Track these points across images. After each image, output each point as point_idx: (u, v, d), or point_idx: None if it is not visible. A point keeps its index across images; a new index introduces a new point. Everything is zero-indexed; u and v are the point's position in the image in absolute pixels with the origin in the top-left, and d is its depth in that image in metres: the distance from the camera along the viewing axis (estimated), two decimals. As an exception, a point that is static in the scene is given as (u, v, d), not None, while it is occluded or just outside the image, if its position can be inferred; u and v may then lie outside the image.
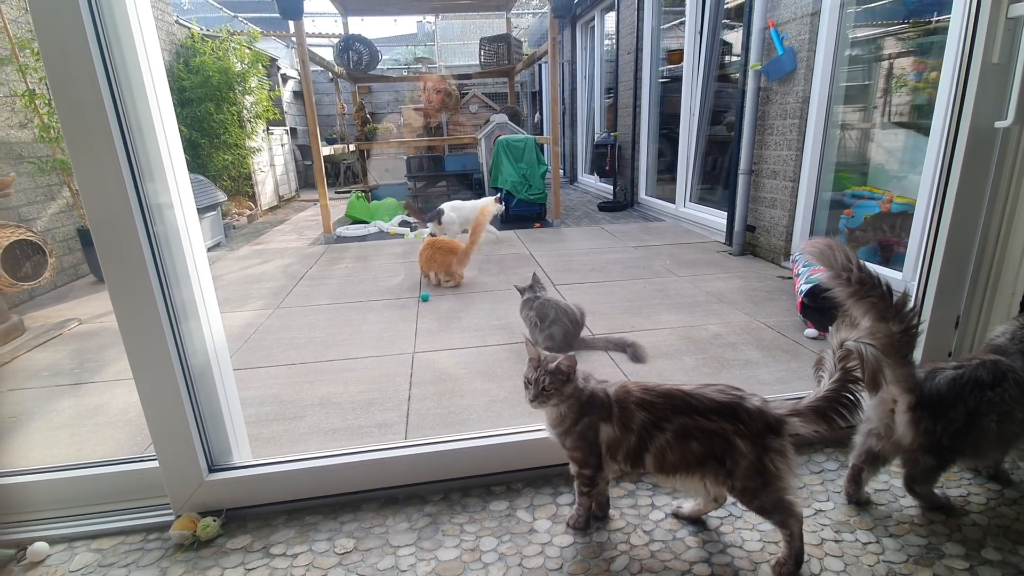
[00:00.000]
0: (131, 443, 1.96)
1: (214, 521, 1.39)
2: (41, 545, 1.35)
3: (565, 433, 1.29)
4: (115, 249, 1.23)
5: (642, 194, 6.79)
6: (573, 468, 1.33)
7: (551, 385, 1.24)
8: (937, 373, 1.33)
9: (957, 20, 2.53)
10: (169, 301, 1.31)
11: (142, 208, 1.24)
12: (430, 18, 12.71)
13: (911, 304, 1.24)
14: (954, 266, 1.61)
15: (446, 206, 4.99)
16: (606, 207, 6.96)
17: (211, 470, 1.45)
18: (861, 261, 1.26)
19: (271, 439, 1.95)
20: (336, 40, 8.15)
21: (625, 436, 1.23)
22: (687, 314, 3.04)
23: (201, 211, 5.13)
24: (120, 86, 1.19)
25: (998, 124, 1.47)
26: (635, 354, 2.48)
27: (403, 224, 6.23)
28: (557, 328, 2.61)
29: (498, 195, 4.81)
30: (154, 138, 1.25)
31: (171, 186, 1.30)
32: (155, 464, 1.41)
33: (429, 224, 4.94)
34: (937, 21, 3.12)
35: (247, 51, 6.93)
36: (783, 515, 1.17)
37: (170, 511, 1.43)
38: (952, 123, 1.53)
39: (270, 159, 8.40)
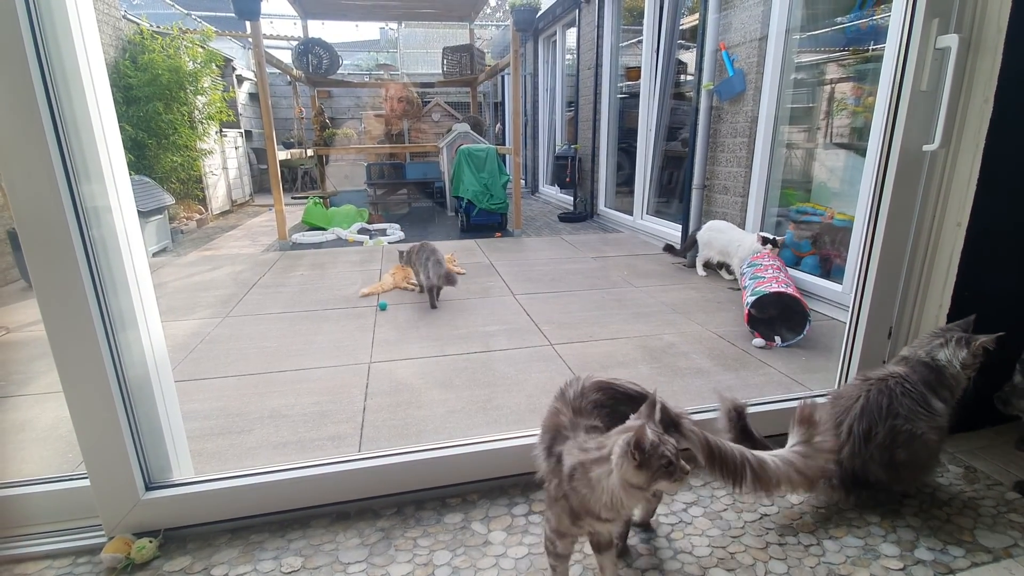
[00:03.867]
0: (61, 460, 1.84)
1: (150, 542, 1.32)
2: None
3: None
4: (45, 254, 1.16)
5: (601, 206, 6.91)
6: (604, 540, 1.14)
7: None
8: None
9: (891, 49, 2.70)
10: (105, 310, 1.24)
11: (77, 210, 1.17)
12: (393, 25, 12.64)
13: None
14: (887, 280, 1.70)
15: (708, 225, 4.06)
16: (566, 218, 7.05)
17: (148, 488, 1.37)
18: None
19: (216, 454, 1.87)
20: (295, 43, 7.98)
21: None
22: (643, 324, 3.11)
23: (146, 215, 4.89)
24: (55, 80, 1.12)
25: (926, 147, 1.57)
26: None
27: (362, 232, 6.13)
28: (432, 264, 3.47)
29: (769, 240, 3.49)
30: (92, 136, 1.19)
31: (110, 188, 1.23)
32: (87, 483, 1.33)
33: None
34: (873, 49, 3.33)
35: (200, 50, 6.70)
36: None
37: (102, 532, 1.34)
38: (885, 145, 1.62)
39: (223, 162, 8.12)
